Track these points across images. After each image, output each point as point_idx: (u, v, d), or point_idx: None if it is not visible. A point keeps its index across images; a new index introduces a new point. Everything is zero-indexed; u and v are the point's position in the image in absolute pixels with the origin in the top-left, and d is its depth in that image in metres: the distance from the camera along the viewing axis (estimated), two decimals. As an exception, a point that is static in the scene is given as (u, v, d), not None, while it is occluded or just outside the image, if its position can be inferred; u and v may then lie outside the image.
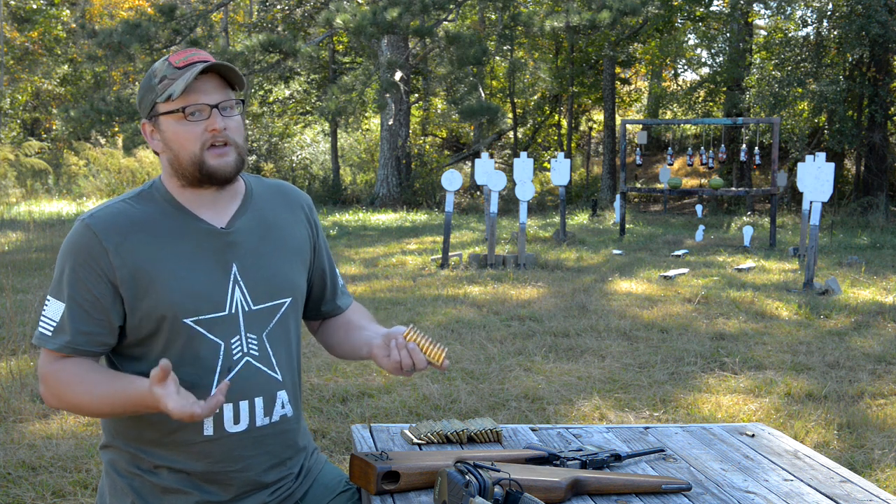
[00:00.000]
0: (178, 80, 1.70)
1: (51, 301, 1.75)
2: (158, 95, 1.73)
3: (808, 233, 9.07)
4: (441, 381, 5.04)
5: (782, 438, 2.13)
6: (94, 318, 1.72)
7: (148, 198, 1.79)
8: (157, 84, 1.73)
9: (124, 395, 1.67)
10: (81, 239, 1.73)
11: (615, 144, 22.97)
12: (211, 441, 1.76)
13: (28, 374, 5.00)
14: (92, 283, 1.71)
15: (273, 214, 1.89)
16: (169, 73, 1.73)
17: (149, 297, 1.71)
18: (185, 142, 1.73)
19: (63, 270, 1.74)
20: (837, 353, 5.93)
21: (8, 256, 10.31)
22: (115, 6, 28.32)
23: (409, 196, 21.41)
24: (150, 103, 1.75)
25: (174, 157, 1.75)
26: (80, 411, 1.76)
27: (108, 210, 1.76)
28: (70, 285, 1.72)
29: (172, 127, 1.73)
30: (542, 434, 2.08)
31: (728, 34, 22.69)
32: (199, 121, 1.72)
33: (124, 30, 15.00)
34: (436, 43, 16.94)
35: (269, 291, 1.82)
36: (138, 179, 21.57)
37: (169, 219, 1.77)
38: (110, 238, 1.71)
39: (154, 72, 1.76)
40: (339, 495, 1.92)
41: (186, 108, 1.71)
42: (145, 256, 1.72)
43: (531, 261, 10.24)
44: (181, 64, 1.73)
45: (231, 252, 1.79)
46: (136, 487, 1.79)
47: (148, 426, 1.75)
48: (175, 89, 1.69)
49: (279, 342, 1.85)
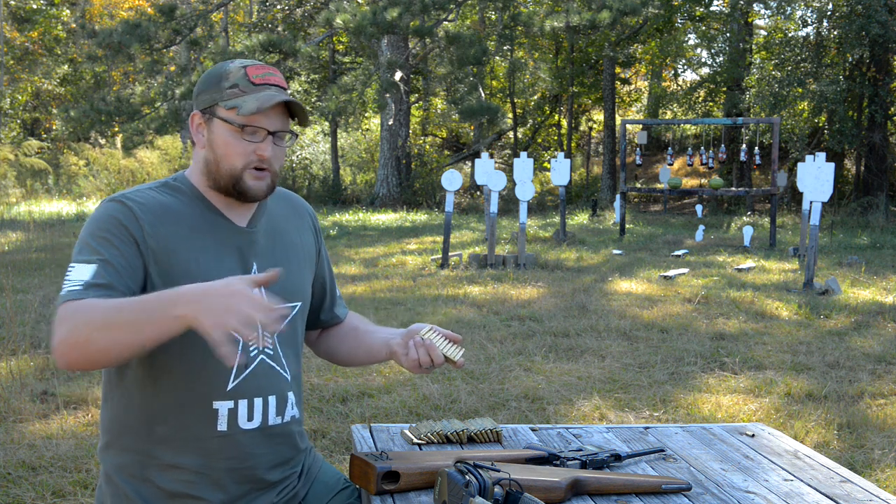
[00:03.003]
0: (250, 97, 1.71)
1: (76, 266, 1.65)
2: (224, 99, 1.73)
3: (808, 233, 9.07)
4: (441, 381, 5.04)
5: (782, 438, 2.13)
6: (123, 277, 1.65)
7: (175, 189, 1.80)
8: (227, 88, 1.73)
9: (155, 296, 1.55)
10: (115, 210, 1.69)
11: (615, 144, 22.97)
12: (224, 437, 1.75)
13: (28, 374, 5.00)
14: (124, 246, 1.67)
15: (284, 220, 1.92)
16: (242, 84, 1.73)
17: (174, 282, 1.67)
18: (231, 154, 1.74)
19: (89, 238, 1.68)
20: (837, 353, 5.93)
21: (8, 256, 10.31)
22: (115, 6, 28.33)
23: (409, 196, 21.41)
24: (212, 101, 1.75)
25: (214, 160, 1.76)
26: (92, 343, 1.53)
27: (139, 194, 1.74)
28: (101, 247, 1.65)
29: (225, 135, 1.74)
30: (542, 434, 2.08)
31: (728, 34, 22.69)
32: (252, 142, 1.74)
33: (124, 30, 15.00)
34: (436, 43, 16.95)
35: (282, 294, 1.83)
36: (138, 179, 21.58)
37: (198, 213, 1.78)
38: (146, 217, 1.70)
39: (227, 73, 1.75)
40: (340, 493, 1.92)
41: (247, 127, 1.73)
42: (176, 243, 1.72)
43: (531, 261, 10.24)
44: (258, 81, 1.74)
45: (252, 251, 1.81)
46: (142, 493, 1.75)
47: (160, 421, 1.73)
48: (245, 107, 1.70)
49: (288, 344, 1.86)
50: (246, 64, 1.77)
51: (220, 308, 1.45)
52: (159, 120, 16.01)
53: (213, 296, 1.47)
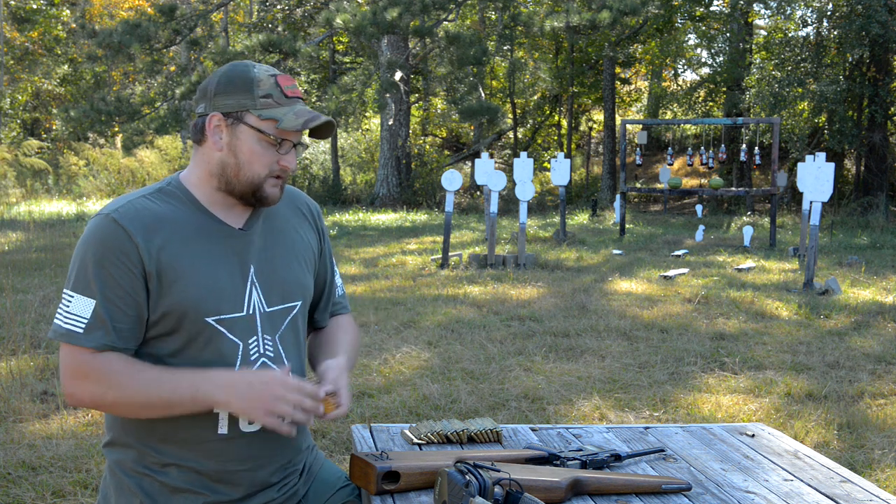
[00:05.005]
0: (288, 111, 1.73)
1: (75, 297, 1.68)
2: (258, 108, 1.72)
3: (808, 233, 9.07)
4: (441, 381, 5.04)
5: (782, 438, 2.13)
6: (127, 314, 1.69)
7: (169, 195, 1.78)
8: (260, 97, 1.72)
9: (189, 376, 1.68)
10: (108, 233, 1.69)
11: (615, 144, 22.97)
12: (225, 440, 1.75)
13: (28, 374, 5.00)
14: (123, 277, 1.68)
15: (283, 218, 1.90)
16: (276, 95, 1.73)
17: (172, 293, 1.70)
18: (256, 163, 1.74)
19: (87, 265, 1.69)
20: (837, 353, 5.93)
21: (8, 256, 10.31)
22: (115, 6, 28.33)
23: (409, 196, 21.41)
24: (240, 106, 1.73)
25: (235, 165, 1.75)
26: (124, 403, 1.69)
27: (130, 205, 1.73)
28: (100, 281, 1.67)
29: (253, 143, 1.74)
30: (542, 434, 2.08)
31: (728, 34, 22.69)
32: (280, 153, 1.76)
33: (124, 30, 14.99)
34: (436, 43, 16.94)
35: (281, 294, 1.83)
36: (138, 179, 21.58)
37: (191, 218, 1.77)
38: (138, 232, 1.69)
39: (257, 80, 1.74)
40: (340, 490, 1.93)
41: (283, 140, 1.75)
42: (171, 253, 1.71)
43: (531, 261, 10.24)
44: (289, 94, 1.75)
45: (249, 253, 1.80)
46: (144, 487, 1.76)
47: (162, 421, 1.73)
48: (287, 123, 1.72)
49: (290, 344, 1.86)
50: (273, 73, 1.76)
51: (264, 398, 1.63)
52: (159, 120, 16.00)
53: (254, 388, 1.64)
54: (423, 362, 5.54)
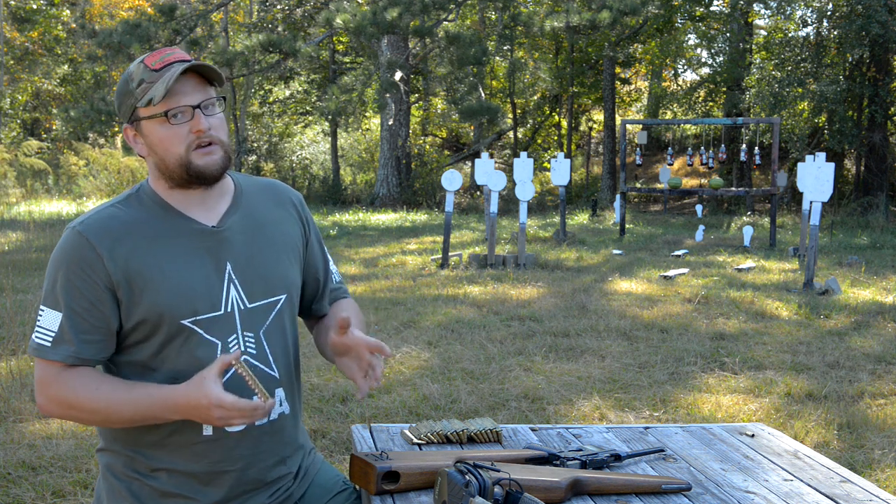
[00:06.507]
0: (158, 83, 1.68)
1: (45, 311, 1.72)
2: (138, 100, 1.70)
3: (808, 233, 9.07)
4: (441, 381, 5.04)
5: (782, 438, 2.13)
6: (94, 325, 1.70)
7: (137, 201, 1.78)
8: (136, 88, 1.71)
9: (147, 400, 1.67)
10: (74, 247, 1.71)
11: (615, 144, 22.97)
12: (210, 441, 1.75)
13: (28, 373, 5.00)
14: (88, 290, 1.69)
15: (264, 212, 1.88)
16: (146, 76, 1.70)
17: (145, 299, 1.70)
18: (170, 145, 1.71)
19: (56, 279, 1.71)
20: (837, 353, 5.93)
21: (8, 256, 10.31)
22: (115, 6, 28.31)
23: (409, 196, 21.41)
24: (131, 108, 1.73)
25: (160, 160, 1.74)
26: (89, 419, 1.74)
27: (98, 216, 1.74)
28: (66, 294, 1.70)
29: (156, 131, 1.72)
30: (542, 434, 2.08)
31: (728, 34, 22.69)
32: (182, 123, 1.70)
33: (124, 30, 14.99)
34: (436, 43, 16.94)
35: (263, 289, 1.81)
36: (138, 179, 21.56)
37: (160, 221, 1.76)
38: (103, 243, 1.69)
39: (130, 76, 1.72)
40: (337, 495, 1.92)
41: (169, 112, 1.69)
42: (139, 260, 1.70)
43: (531, 261, 10.24)
44: (158, 66, 1.70)
45: (224, 250, 1.78)
46: (134, 491, 1.77)
47: (147, 429, 1.74)
48: (155, 93, 1.67)
49: (276, 339, 1.84)
50: (142, 57, 1.74)
51: (212, 418, 1.63)
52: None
53: (200, 409, 1.63)
54: (423, 362, 5.54)
